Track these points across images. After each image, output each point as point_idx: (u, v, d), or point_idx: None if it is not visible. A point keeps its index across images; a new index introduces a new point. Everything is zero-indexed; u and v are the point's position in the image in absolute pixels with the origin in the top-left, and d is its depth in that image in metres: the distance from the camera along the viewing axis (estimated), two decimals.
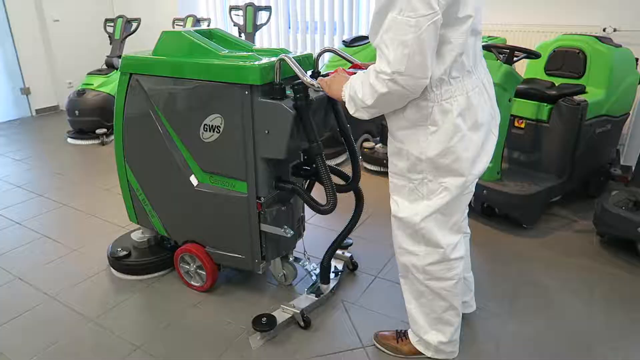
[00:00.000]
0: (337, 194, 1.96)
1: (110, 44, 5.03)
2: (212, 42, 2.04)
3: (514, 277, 2.34)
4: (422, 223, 1.59)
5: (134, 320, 2.07)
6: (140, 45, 5.75)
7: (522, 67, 3.26)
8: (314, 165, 1.97)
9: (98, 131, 4.49)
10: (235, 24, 4.50)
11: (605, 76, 2.86)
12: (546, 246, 2.61)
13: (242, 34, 4.48)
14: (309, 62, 2.08)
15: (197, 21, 4.93)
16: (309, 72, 2.01)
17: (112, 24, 5.13)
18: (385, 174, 3.61)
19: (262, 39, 5.51)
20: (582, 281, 2.31)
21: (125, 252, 2.37)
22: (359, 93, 1.45)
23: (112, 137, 4.77)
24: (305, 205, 2.01)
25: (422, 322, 1.76)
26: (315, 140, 1.84)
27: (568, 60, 2.99)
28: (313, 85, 1.70)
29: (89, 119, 4.49)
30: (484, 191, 2.75)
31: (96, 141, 4.55)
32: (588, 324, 2.03)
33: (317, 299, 2.11)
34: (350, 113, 1.53)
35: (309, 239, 2.71)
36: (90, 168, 3.94)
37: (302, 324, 1.99)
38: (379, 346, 1.89)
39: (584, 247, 2.60)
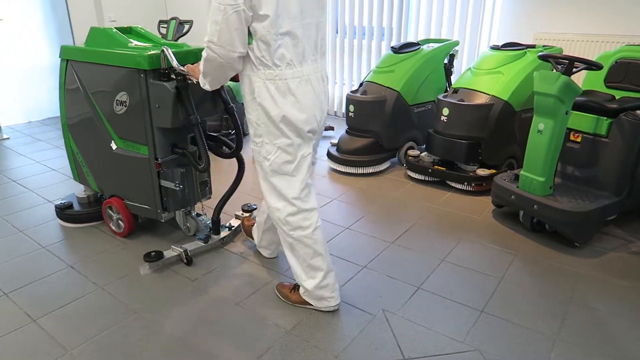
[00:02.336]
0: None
1: None
2: (127, 37, 2.54)
3: (564, 297, 2.24)
4: (272, 180, 1.99)
5: (183, 314, 2.11)
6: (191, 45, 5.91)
7: (580, 78, 3.13)
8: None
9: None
10: None
11: None
12: (599, 267, 2.49)
13: None
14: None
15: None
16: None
17: (165, 25, 5.29)
18: (431, 182, 3.56)
19: None
20: (637, 306, 2.18)
21: (67, 204, 2.92)
22: (201, 67, 1.92)
23: None
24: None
25: (299, 272, 2.09)
26: (193, 114, 2.30)
27: (631, 72, 2.85)
28: (182, 70, 2.20)
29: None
30: (535, 206, 2.65)
31: None
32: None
33: (204, 244, 2.60)
34: (202, 86, 1.99)
35: (351, 244, 2.70)
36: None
37: (185, 261, 2.48)
38: (276, 292, 2.25)
39: None
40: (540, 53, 2.74)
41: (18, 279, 2.36)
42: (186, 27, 5.23)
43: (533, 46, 3.42)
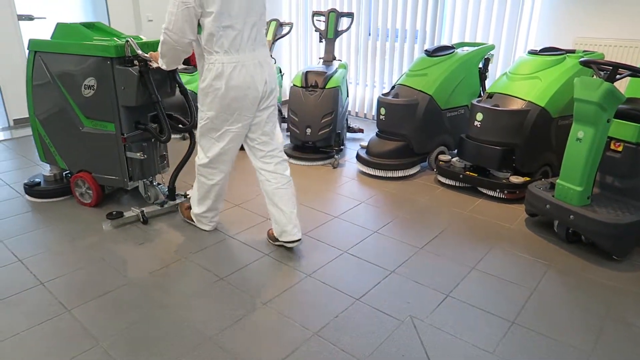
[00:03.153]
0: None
1: None
2: (91, 31, 2.93)
3: (600, 311, 2.16)
4: (200, 137, 2.56)
5: (211, 311, 2.13)
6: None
7: (623, 85, 3.02)
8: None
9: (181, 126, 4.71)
10: (317, 29, 4.55)
11: None
12: (638, 282, 2.39)
13: (323, 40, 4.52)
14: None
15: (280, 25, 5.05)
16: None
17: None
18: (462, 188, 3.50)
19: (342, 46, 5.54)
20: None
21: (37, 181, 3.27)
22: (159, 50, 2.37)
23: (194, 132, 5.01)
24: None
25: (195, 199, 2.77)
26: (154, 93, 2.75)
27: None
28: (146, 56, 2.64)
29: (174, 115, 4.72)
30: (571, 216, 2.57)
31: (178, 135, 4.78)
32: None
33: (159, 208, 3.05)
34: (160, 66, 2.47)
35: (379, 248, 2.68)
36: (173, 163, 4.13)
37: (142, 220, 2.93)
38: (179, 209, 3.02)
39: None
40: (582, 59, 2.66)
41: (55, 269, 2.43)
42: None
43: (573, 51, 3.33)
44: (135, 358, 1.84)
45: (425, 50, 3.82)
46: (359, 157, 3.87)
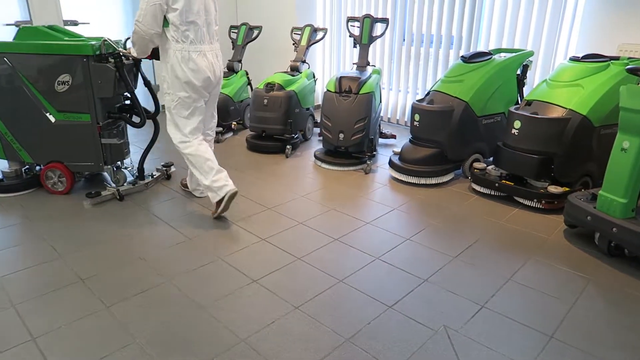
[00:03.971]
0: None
1: (233, 49, 5.36)
2: (56, 33, 3.24)
3: None
4: (175, 118, 3.01)
5: (244, 313, 2.15)
6: (259, 50, 6.07)
7: None
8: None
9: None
10: (351, 35, 4.55)
11: None
12: None
13: (357, 45, 4.52)
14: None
15: (314, 30, 5.08)
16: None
17: (235, 31, 5.48)
18: (497, 197, 3.43)
19: (375, 51, 5.53)
20: None
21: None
22: (131, 39, 2.91)
23: (227, 135, 5.09)
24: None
25: (200, 175, 3.03)
26: (129, 85, 3.21)
27: None
28: (126, 52, 3.13)
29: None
30: (614, 229, 2.48)
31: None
32: None
33: (132, 186, 3.46)
34: (133, 54, 3.05)
35: (411, 255, 2.65)
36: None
37: (118, 197, 3.32)
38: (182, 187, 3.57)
39: None
40: (629, 66, 2.56)
41: (93, 266, 2.51)
42: (255, 32, 5.39)
43: (617, 58, 3.21)
44: (171, 356, 1.87)
45: (462, 57, 3.76)
46: (391, 163, 3.84)
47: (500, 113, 3.81)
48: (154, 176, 3.67)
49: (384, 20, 4.48)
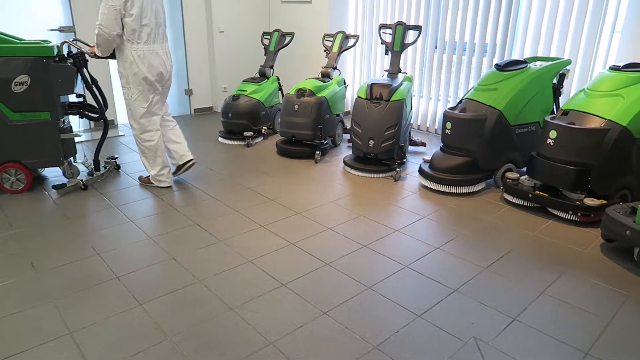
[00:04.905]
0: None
1: (265, 55, 5.44)
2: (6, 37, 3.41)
3: None
4: (133, 110, 3.45)
5: (273, 316, 2.17)
6: (290, 56, 6.13)
7: None
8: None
9: (246, 133, 4.88)
10: (383, 42, 4.56)
11: None
12: None
13: (389, 52, 4.52)
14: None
15: (346, 37, 5.11)
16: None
17: (268, 37, 5.56)
18: (530, 208, 3.36)
19: (407, 58, 5.51)
20: None
21: None
22: (95, 41, 3.24)
23: (257, 140, 5.15)
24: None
25: (148, 165, 3.62)
26: (88, 83, 3.59)
27: None
28: (89, 52, 3.44)
29: (239, 121, 4.90)
30: None
31: (242, 142, 4.94)
32: None
33: (90, 177, 3.75)
34: (97, 54, 3.33)
35: (441, 265, 2.62)
36: (236, 167, 4.29)
37: (82, 187, 3.63)
38: (139, 181, 3.80)
39: None
40: None
41: (128, 264, 2.58)
42: (287, 38, 5.46)
43: None
44: (201, 356, 1.90)
45: (496, 64, 3.71)
46: (421, 171, 3.81)
47: (534, 122, 3.73)
48: (107, 167, 4.00)
49: (417, 28, 4.47)
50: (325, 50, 5.16)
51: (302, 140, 4.52)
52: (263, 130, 5.10)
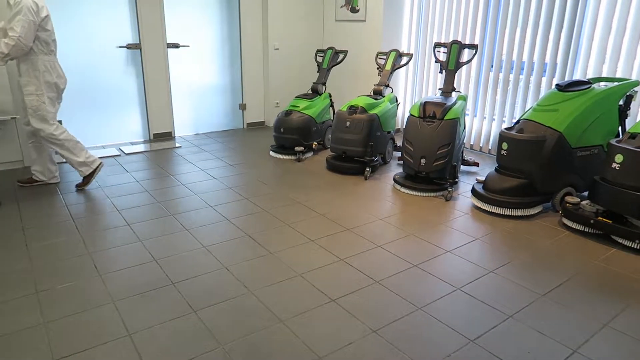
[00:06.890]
0: None
1: (318, 71, 5.54)
2: None
3: None
4: (44, 114, 3.77)
5: (322, 331, 2.18)
6: (343, 73, 6.20)
7: None
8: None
9: (297, 148, 4.96)
10: (437, 60, 4.53)
11: None
12: None
13: (443, 71, 4.48)
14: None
15: (400, 56, 5.12)
16: None
17: (322, 54, 5.66)
18: (591, 235, 3.20)
19: (461, 77, 5.44)
20: None
21: None
22: (4, 50, 3.46)
23: (308, 155, 5.22)
24: None
25: (73, 155, 3.93)
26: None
27: None
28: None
29: (291, 136, 5.00)
30: None
31: (293, 157, 5.03)
32: None
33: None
34: (0, 60, 3.51)
35: (495, 289, 2.53)
36: (286, 181, 4.36)
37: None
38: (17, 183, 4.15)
39: None
40: None
41: (183, 271, 2.67)
42: (341, 56, 5.53)
43: None
44: None
45: (557, 85, 3.60)
46: (474, 192, 3.73)
47: (597, 145, 3.57)
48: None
49: (473, 47, 4.41)
50: (377, 68, 5.19)
51: (352, 156, 4.54)
52: (313, 146, 5.16)
